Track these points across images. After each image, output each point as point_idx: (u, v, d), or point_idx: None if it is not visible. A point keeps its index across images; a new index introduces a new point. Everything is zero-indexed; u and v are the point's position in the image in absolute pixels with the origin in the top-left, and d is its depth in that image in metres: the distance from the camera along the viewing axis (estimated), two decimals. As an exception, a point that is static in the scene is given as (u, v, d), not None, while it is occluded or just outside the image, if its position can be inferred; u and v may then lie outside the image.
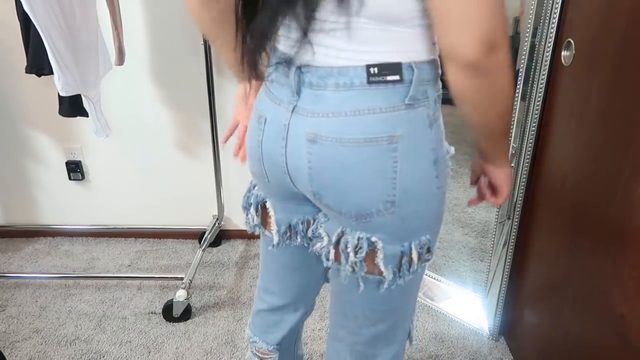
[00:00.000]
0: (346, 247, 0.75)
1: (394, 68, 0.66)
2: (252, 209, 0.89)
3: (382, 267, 0.74)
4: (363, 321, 0.85)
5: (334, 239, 0.77)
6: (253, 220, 0.90)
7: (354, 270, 0.75)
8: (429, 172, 0.70)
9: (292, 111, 0.71)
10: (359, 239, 0.74)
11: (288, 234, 0.87)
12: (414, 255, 0.74)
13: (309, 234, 0.85)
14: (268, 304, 1.01)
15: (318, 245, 0.81)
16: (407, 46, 0.66)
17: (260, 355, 1.04)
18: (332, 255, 0.78)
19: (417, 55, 0.67)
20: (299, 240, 0.86)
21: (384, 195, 0.70)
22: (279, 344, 1.02)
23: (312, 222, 0.84)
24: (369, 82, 0.66)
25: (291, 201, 0.83)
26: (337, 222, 0.76)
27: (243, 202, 0.92)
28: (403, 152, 0.68)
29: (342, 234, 0.76)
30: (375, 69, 0.65)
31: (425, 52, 0.68)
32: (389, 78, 0.66)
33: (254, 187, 0.90)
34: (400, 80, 0.66)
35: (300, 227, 0.85)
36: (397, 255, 0.74)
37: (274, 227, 0.87)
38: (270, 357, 1.03)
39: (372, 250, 0.74)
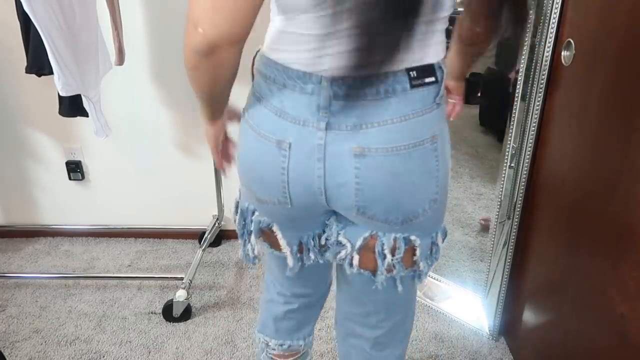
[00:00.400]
0: (382, 250, 0.73)
1: (430, 70, 0.66)
2: (252, 238, 0.84)
3: (420, 263, 0.76)
4: (386, 314, 0.86)
5: (357, 245, 0.75)
6: (253, 250, 0.86)
7: (390, 271, 0.75)
8: (449, 164, 0.73)
9: (326, 129, 0.66)
10: (395, 239, 0.73)
11: (299, 252, 0.84)
12: (439, 241, 0.77)
13: (322, 241, 0.82)
14: (299, 303, 0.99)
15: (343, 253, 0.78)
16: (438, 45, 0.67)
17: (283, 358, 1.03)
18: (356, 262, 0.76)
19: (440, 54, 0.68)
20: (312, 257, 0.83)
21: (429, 195, 0.70)
22: (310, 334, 1.04)
23: (322, 233, 0.82)
24: (412, 87, 0.65)
25: (305, 221, 0.79)
26: (363, 228, 0.74)
27: (239, 229, 0.86)
28: (439, 150, 0.69)
29: (372, 238, 0.74)
30: (414, 73, 0.64)
31: (444, 50, 0.69)
32: (427, 80, 0.66)
33: (253, 213, 0.83)
34: (435, 81, 0.66)
35: (312, 243, 0.83)
36: (428, 246, 0.76)
37: (285, 249, 0.82)
38: (296, 356, 1.04)
39: (410, 248, 0.74)
